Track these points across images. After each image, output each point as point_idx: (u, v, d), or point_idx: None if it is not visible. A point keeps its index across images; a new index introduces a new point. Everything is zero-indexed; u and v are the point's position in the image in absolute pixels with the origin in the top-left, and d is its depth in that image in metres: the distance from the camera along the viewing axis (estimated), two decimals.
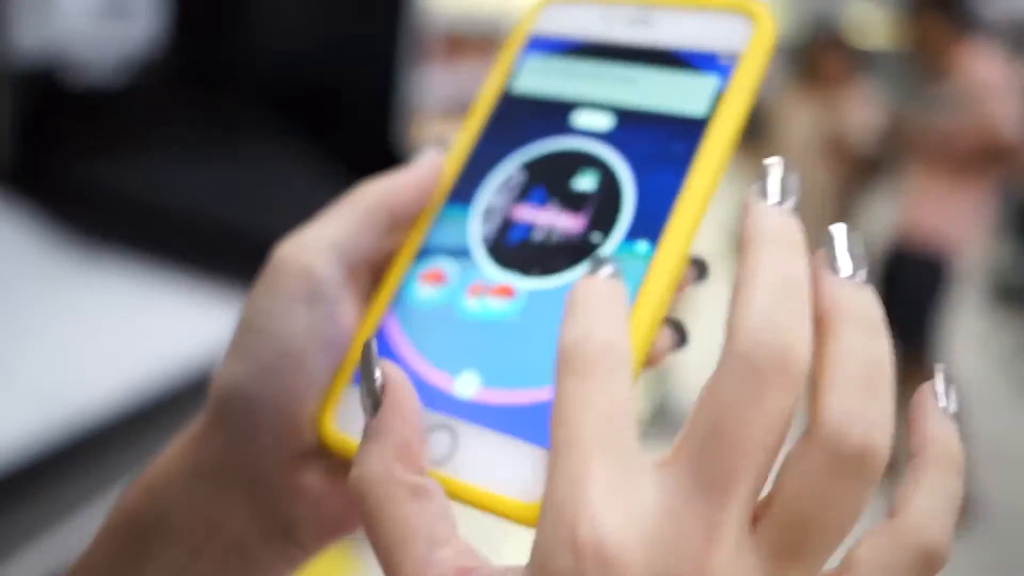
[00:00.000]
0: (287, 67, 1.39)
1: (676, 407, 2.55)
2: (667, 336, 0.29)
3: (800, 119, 2.63)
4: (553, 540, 0.18)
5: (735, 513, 0.18)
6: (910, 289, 2.48)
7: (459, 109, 2.46)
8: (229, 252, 1.22)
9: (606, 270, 0.23)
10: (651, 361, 0.28)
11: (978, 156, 2.30)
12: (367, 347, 0.24)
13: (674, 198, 0.27)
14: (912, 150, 2.47)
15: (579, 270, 0.27)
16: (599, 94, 0.31)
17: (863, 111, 2.61)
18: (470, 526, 0.24)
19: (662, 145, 0.29)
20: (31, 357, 0.95)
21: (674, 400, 2.59)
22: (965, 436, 0.22)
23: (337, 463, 0.28)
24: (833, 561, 0.20)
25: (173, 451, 0.28)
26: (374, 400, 0.23)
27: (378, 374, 0.23)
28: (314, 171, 1.18)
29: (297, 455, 0.27)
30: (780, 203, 0.22)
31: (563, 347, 0.21)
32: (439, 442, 0.26)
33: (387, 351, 0.28)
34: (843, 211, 2.64)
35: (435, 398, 0.27)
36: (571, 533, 0.18)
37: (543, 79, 0.32)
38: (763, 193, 0.22)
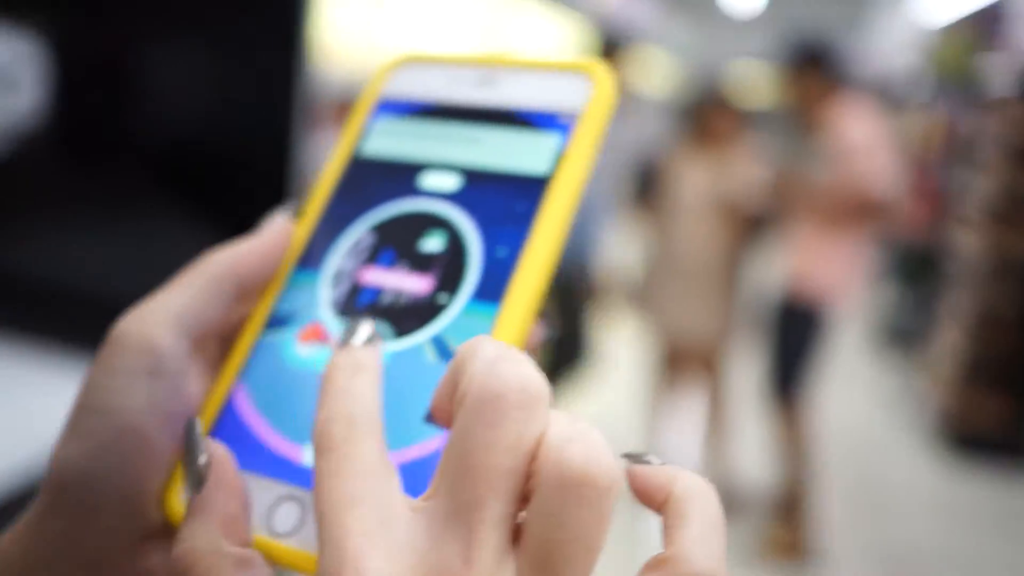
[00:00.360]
0: (175, 136, 1.38)
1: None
2: None
3: (691, 177, 2.72)
4: None
5: (488, 534, 0.19)
6: (789, 338, 2.59)
7: None
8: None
9: (361, 334, 0.24)
10: None
11: (850, 211, 2.43)
12: (190, 426, 0.24)
13: (517, 256, 0.28)
14: (792, 205, 2.59)
15: (427, 331, 0.28)
16: (446, 155, 0.31)
17: (750, 167, 2.72)
18: None
19: (506, 204, 0.29)
20: None
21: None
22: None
23: None
24: None
25: (6, 541, 0.26)
26: (198, 478, 0.23)
27: (202, 453, 0.24)
28: (205, 242, 1.16)
29: (142, 536, 0.26)
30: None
31: (315, 430, 0.22)
32: (288, 513, 0.26)
33: (236, 422, 0.28)
34: (733, 264, 2.73)
35: (283, 468, 0.27)
36: None
37: (392, 141, 0.33)
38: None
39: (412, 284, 0.29)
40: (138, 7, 1.31)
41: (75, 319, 1.19)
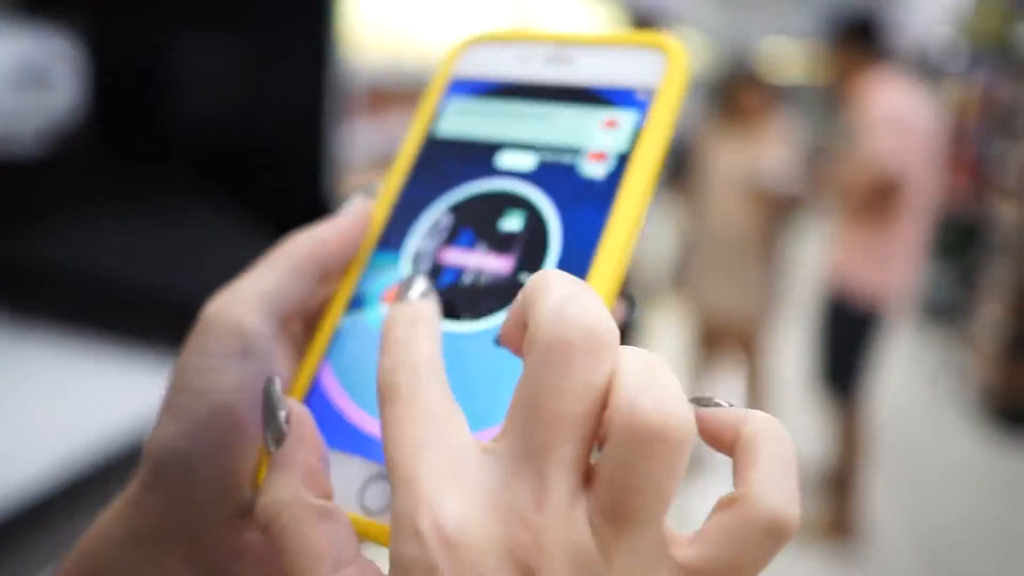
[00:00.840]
0: (211, 130, 1.40)
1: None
2: None
3: (723, 155, 2.70)
4: (398, 538, 0.20)
5: (560, 476, 0.20)
6: (841, 340, 2.52)
7: (385, 161, 2.47)
8: (160, 319, 1.21)
9: (416, 290, 0.25)
10: None
11: (874, 192, 2.32)
12: (269, 385, 0.25)
13: (598, 236, 0.28)
14: (826, 192, 2.54)
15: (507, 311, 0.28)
16: (521, 134, 0.31)
17: (779, 148, 2.69)
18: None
19: (585, 183, 0.29)
20: None
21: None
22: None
23: None
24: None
25: (107, 519, 0.28)
26: (279, 435, 0.24)
27: (282, 409, 0.24)
28: (243, 233, 1.18)
29: (238, 512, 0.27)
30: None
31: (378, 381, 0.23)
32: (380, 491, 0.26)
33: (323, 402, 0.28)
34: (768, 243, 2.71)
35: (372, 447, 0.27)
36: (412, 526, 0.19)
37: (466, 121, 0.33)
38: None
39: (493, 264, 0.29)
40: (171, 3, 1.33)
41: (117, 310, 1.22)
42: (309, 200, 1.43)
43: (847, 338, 2.51)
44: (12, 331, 1.19)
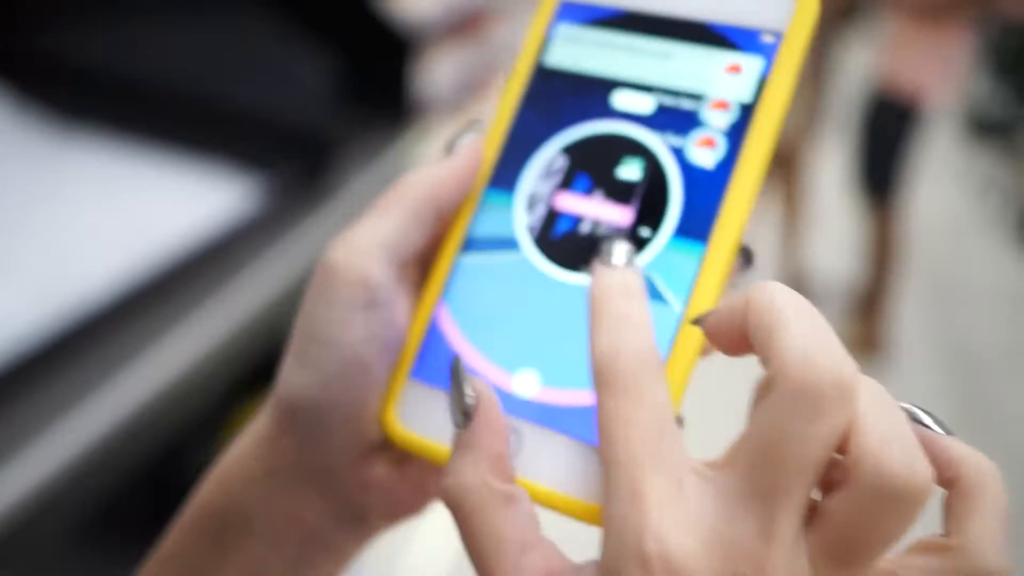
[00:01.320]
0: None
1: None
2: None
3: None
4: (621, 556, 0.20)
5: (790, 519, 0.20)
6: (882, 137, 2.49)
7: None
8: (206, 124, 1.20)
9: (620, 255, 0.24)
10: (707, 351, 0.28)
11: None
12: (456, 364, 0.25)
13: (722, 192, 0.27)
14: None
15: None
16: (638, 72, 0.30)
17: None
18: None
19: (706, 133, 0.28)
20: (20, 243, 0.95)
21: None
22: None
23: (400, 454, 0.29)
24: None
25: (244, 451, 0.30)
26: (464, 413, 0.24)
27: (469, 390, 0.24)
28: (288, 38, 1.15)
29: (364, 450, 0.29)
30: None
31: (597, 361, 0.22)
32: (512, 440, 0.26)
33: (440, 345, 0.29)
34: (820, 52, 2.61)
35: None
36: (638, 548, 0.20)
37: (578, 52, 0.31)
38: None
39: (611, 214, 0.28)
40: None
41: (163, 114, 1.21)
42: (355, 3, 1.38)
43: (887, 136, 2.48)
44: (60, 134, 1.19)
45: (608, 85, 0.30)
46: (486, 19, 2.66)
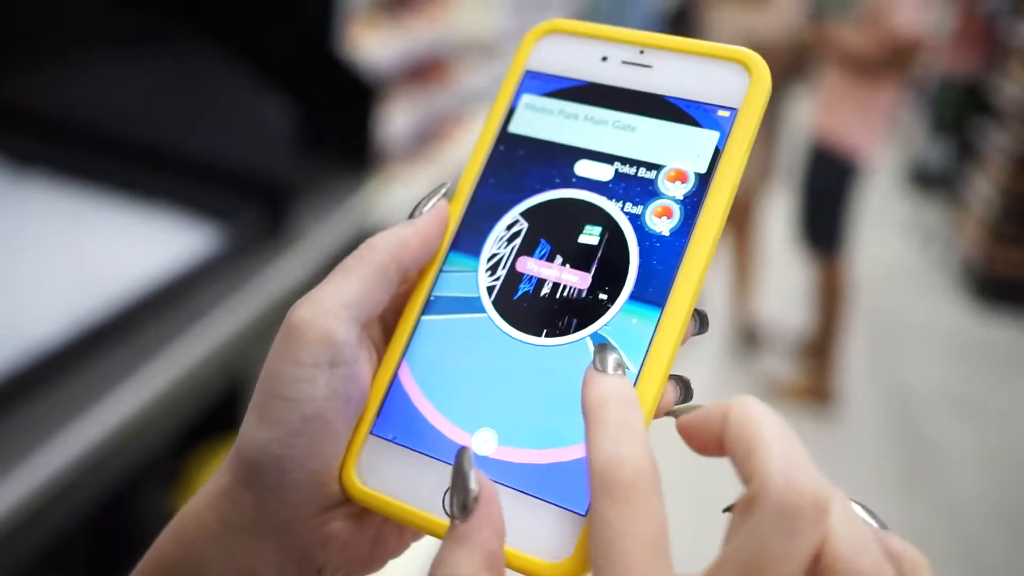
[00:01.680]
0: None
1: None
2: (671, 389, 0.29)
3: (725, 17, 2.64)
4: None
5: None
6: (821, 190, 2.58)
7: (387, 11, 2.40)
8: (167, 169, 1.20)
9: (611, 363, 0.25)
10: (658, 413, 0.28)
11: (881, 56, 2.35)
12: (463, 454, 0.25)
13: (679, 258, 0.28)
14: (824, 54, 2.52)
15: (588, 329, 0.28)
16: (598, 142, 0.31)
17: (784, 9, 2.63)
18: None
19: (663, 201, 0.29)
20: None
21: None
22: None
23: (360, 510, 0.29)
24: None
25: (201, 504, 0.29)
26: (464, 505, 0.24)
27: (473, 483, 0.25)
28: (250, 85, 1.16)
29: (324, 506, 0.29)
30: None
31: (598, 468, 0.23)
32: None
33: (403, 403, 0.29)
34: (773, 109, 2.68)
35: (452, 452, 0.28)
36: None
37: (541, 120, 0.32)
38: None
39: (570, 278, 0.29)
40: None
41: (113, 158, 1.21)
42: (316, 48, 1.40)
43: (831, 190, 2.56)
44: (17, 176, 1.18)
45: (570, 154, 0.31)
46: (446, 67, 2.70)
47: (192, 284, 1.04)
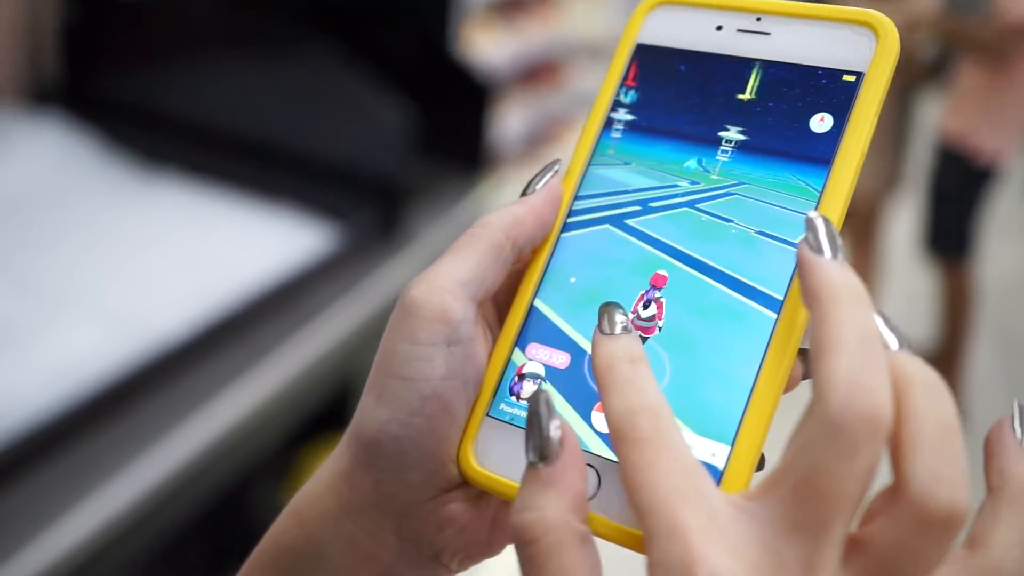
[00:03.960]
0: None
1: None
2: (799, 364, 0.28)
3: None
4: None
5: (830, 551, 0.20)
6: (950, 196, 2.45)
7: (502, 9, 2.40)
8: (286, 169, 1.23)
9: (618, 324, 0.25)
10: (790, 386, 0.27)
11: (1007, 48, 2.24)
12: (540, 398, 0.25)
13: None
14: (960, 48, 2.40)
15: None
16: (712, 116, 0.30)
17: (921, 7, 2.51)
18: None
19: (787, 179, 0.28)
20: (103, 280, 0.97)
21: None
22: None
23: (478, 493, 0.29)
24: None
25: (321, 487, 0.29)
26: (545, 449, 0.24)
27: (554, 428, 0.24)
28: (367, 87, 1.17)
29: (442, 488, 0.28)
30: (835, 257, 0.24)
31: (614, 421, 0.23)
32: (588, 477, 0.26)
33: (519, 385, 0.29)
34: (904, 110, 2.57)
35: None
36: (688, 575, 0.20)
37: (654, 101, 0.31)
38: (817, 248, 0.24)
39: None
40: None
41: (237, 158, 1.24)
42: (432, 48, 1.41)
43: (960, 194, 2.43)
44: (142, 175, 1.22)
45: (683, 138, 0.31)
46: (558, 69, 2.69)
47: (308, 283, 1.05)
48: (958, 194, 2.45)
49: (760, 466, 0.27)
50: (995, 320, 3.10)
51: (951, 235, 2.50)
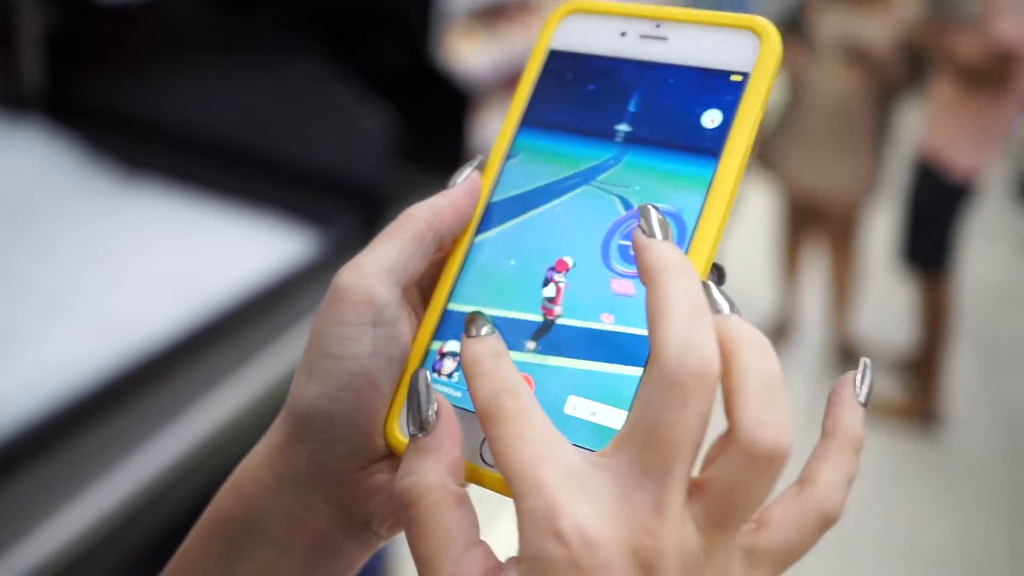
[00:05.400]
0: None
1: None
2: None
3: (830, 20, 2.56)
4: (538, 539, 0.23)
5: (675, 493, 0.23)
6: (928, 210, 2.47)
7: (483, 17, 2.41)
8: (267, 176, 1.23)
9: (480, 327, 0.28)
10: None
11: (984, 69, 2.23)
12: (418, 376, 0.28)
13: (696, 219, 0.29)
14: (938, 60, 2.41)
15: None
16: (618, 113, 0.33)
17: (894, 11, 2.53)
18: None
19: (677, 167, 0.31)
20: (85, 285, 0.97)
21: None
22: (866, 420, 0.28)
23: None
24: None
25: (257, 460, 0.32)
26: (424, 422, 0.27)
27: (431, 403, 0.27)
28: (348, 93, 1.17)
29: (370, 459, 0.31)
30: (664, 238, 0.26)
31: (480, 405, 0.26)
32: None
33: (441, 363, 0.32)
34: (873, 119, 2.59)
35: None
36: (552, 527, 0.23)
37: (559, 101, 0.34)
38: (650, 232, 0.27)
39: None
40: None
41: (218, 165, 1.24)
42: (414, 55, 1.41)
43: (937, 209, 2.45)
44: (124, 182, 1.22)
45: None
46: None
47: (291, 289, 1.06)
48: (934, 210, 2.47)
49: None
50: (976, 326, 3.13)
51: (927, 251, 2.51)
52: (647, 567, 0.23)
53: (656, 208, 0.27)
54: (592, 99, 0.33)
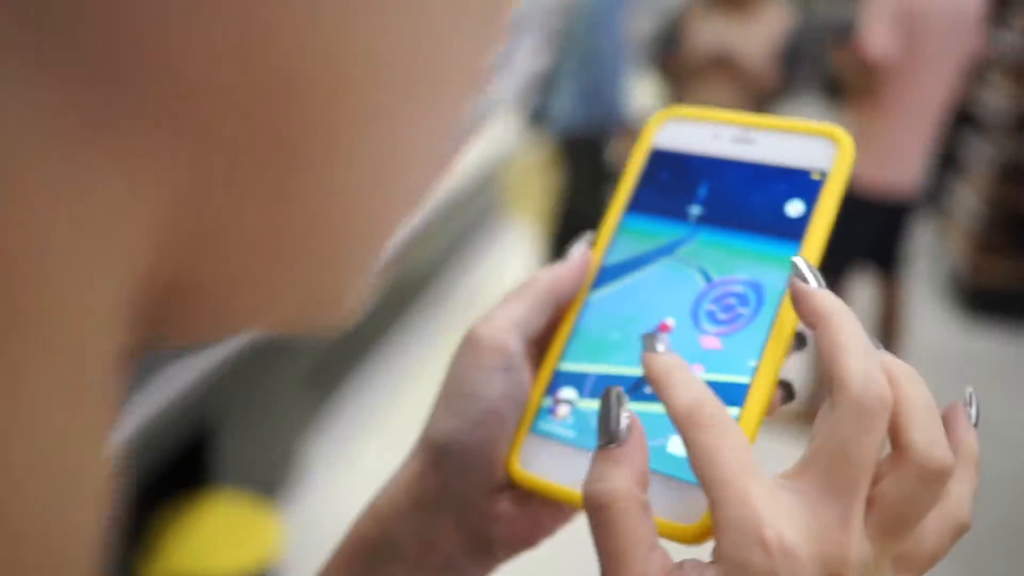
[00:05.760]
0: None
1: None
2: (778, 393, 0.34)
3: (707, 34, 2.59)
4: (744, 546, 0.25)
5: (857, 509, 0.26)
6: (882, 234, 2.59)
7: None
8: None
9: (661, 344, 0.31)
10: (769, 413, 0.34)
11: (854, 81, 2.33)
12: (612, 393, 0.30)
13: (782, 288, 0.33)
14: (838, 70, 2.49)
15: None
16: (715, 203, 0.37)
17: (771, 25, 2.59)
18: None
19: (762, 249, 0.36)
20: None
21: None
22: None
23: (522, 494, 0.35)
24: None
25: (395, 486, 0.36)
26: (615, 435, 0.29)
27: (624, 417, 0.30)
28: None
29: (495, 488, 0.35)
30: (821, 287, 0.30)
31: (682, 410, 0.28)
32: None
33: (556, 408, 0.36)
34: None
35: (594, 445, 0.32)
36: (758, 536, 0.25)
37: (664, 192, 0.38)
38: (805, 280, 0.30)
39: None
40: None
41: None
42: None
43: (887, 234, 2.60)
44: None
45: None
46: None
47: None
48: (879, 234, 2.58)
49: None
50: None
51: (884, 262, 2.64)
52: None
53: (807, 261, 0.31)
54: (688, 191, 0.37)
